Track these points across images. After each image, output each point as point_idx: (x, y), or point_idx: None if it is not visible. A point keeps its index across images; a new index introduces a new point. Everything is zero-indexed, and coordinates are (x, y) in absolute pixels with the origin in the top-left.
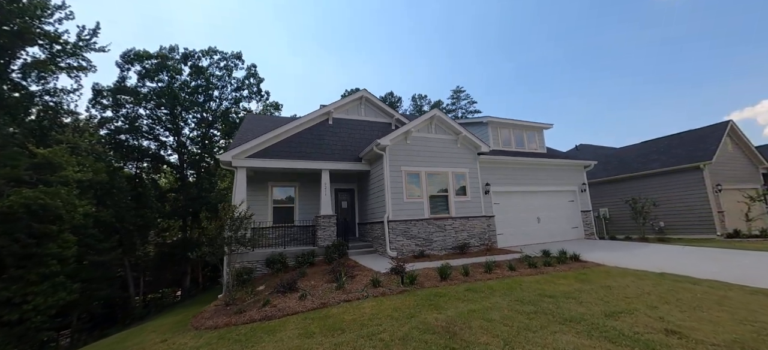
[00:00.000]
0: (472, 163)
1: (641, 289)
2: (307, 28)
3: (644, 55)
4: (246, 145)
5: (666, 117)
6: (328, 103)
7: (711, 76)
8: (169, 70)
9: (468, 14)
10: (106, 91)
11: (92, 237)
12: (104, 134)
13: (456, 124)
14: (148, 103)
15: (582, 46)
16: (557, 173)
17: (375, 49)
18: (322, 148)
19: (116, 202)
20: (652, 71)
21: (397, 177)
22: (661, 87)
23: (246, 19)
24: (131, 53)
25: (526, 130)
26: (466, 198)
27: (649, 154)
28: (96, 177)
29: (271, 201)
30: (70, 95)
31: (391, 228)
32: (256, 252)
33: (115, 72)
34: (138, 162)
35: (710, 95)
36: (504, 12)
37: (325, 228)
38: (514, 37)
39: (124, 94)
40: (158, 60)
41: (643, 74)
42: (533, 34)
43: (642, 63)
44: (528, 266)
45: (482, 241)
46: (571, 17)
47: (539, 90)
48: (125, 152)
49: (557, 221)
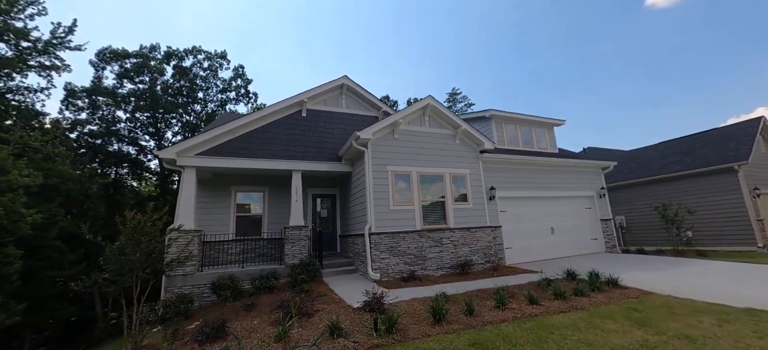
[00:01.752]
0: (473, 162)
1: (741, 341)
2: (319, 34)
3: (645, 56)
4: (195, 138)
5: (671, 118)
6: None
7: (711, 75)
8: (151, 70)
9: (464, 20)
10: (80, 92)
11: (54, 248)
12: (75, 137)
13: (454, 116)
14: (127, 105)
15: (582, 52)
16: (572, 176)
17: (380, 54)
18: (293, 145)
19: (85, 211)
20: (658, 73)
21: (382, 180)
22: (666, 86)
23: (249, 19)
24: (107, 51)
25: (534, 126)
26: (466, 205)
27: (669, 155)
28: (56, 182)
29: (234, 209)
30: (37, 94)
31: (373, 243)
32: (205, 274)
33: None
34: (117, 168)
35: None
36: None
37: (294, 241)
38: (516, 40)
39: (100, 94)
40: (140, 59)
41: (649, 76)
42: (533, 38)
43: (646, 65)
44: (553, 296)
45: (487, 257)
46: (571, 23)
47: (544, 92)
48: (102, 158)
49: (574, 232)
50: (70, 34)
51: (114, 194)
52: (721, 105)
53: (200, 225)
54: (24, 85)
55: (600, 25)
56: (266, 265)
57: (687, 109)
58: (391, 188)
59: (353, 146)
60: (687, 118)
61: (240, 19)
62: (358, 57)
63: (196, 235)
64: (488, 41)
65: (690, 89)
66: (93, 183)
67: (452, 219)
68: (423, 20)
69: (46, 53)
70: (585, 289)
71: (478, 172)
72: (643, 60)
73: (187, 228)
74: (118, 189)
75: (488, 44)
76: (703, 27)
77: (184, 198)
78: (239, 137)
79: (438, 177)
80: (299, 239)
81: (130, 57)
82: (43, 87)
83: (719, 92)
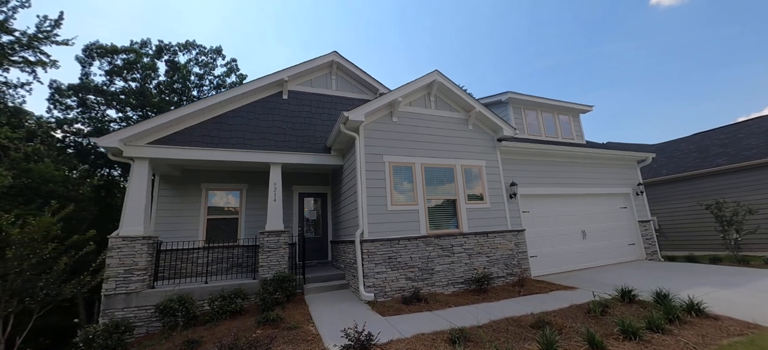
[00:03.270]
0: (490, 152)
1: None
2: (325, 28)
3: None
4: (147, 122)
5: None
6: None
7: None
8: (145, 67)
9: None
10: (67, 90)
11: None
12: (61, 136)
13: (467, 96)
14: (119, 104)
15: (587, 50)
16: (604, 170)
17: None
18: (271, 133)
19: (71, 214)
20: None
21: (378, 174)
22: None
23: (252, 21)
24: (95, 47)
25: (558, 112)
26: (482, 204)
27: (708, 147)
28: (37, 182)
29: (205, 211)
30: (16, 90)
31: (366, 253)
32: (158, 292)
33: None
34: (110, 168)
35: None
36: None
37: (271, 250)
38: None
39: (89, 92)
40: (131, 55)
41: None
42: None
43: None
44: (621, 333)
45: (509, 269)
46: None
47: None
48: (94, 157)
49: (608, 236)
50: (57, 28)
51: (105, 196)
52: (722, 103)
53: (167, 230)
54: (2, 79)
55: (604, 23)
56: (236, 279)
57: (687, 106)
58: (389, 184)
59: (342, 132)
60: (687, 115)
61: (243, 20)
62: (361, 55)
63: (147, 243)
64: (491, 36)
65: (692, 86)
66: (82, 184)
67: (465, 222)
68: (427, 16)
69: (30, 47)
70: (661, 321)
71: (495, 164)
72: (645, 57)
73: (134, 233)
74: (109, 191)
75: (492, 39)
76: (705, 26)
77: (132, 198)
78: (205, 123)
79: (447, 171)
80: (277, 247)
81: (120, 53)
82: (22, 82)
83: (721, 90)
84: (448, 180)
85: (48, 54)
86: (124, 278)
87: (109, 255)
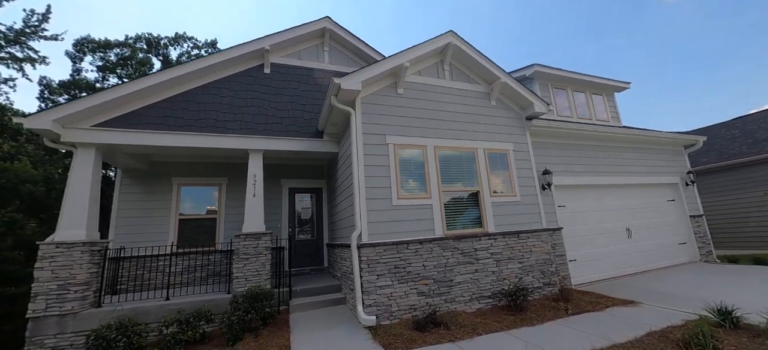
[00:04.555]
0: (518, 133)
1: None
2: None
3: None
4: (92, 98)
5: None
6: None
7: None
8: (140, 63)
9: None
10: (57, 87)
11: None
12: None
13: (490, 63)
14: None
15: (594, 45)
16: (647, 156)
17: None
18: (250, 114)
19: (57, 216)
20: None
21: (379, 158)
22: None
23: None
24: (86, 41)
25: (592, 89)
26: (511, 197)
27: (753, 132)
28: (14, 183)
29: (176, 210)
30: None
31: (365, 262)
32: (104, 312)
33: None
34: (105, 169)
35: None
36: None
37: (249, 257)
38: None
39: (80, 89)
40: (125, 50)
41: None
42: None
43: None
44: None
45: (546, 277)
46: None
47: None
48: None
49: (656, 234)
50: (45, 23)
51: (101, 197)
52: (722, 99)
53: (133, 233)
54: None
55: (611, 19)
56: (205, 295)
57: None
58: (395, 172)
59: (334, 107)
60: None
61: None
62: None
63: (90, 250)
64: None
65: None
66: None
67: (491, 220)
68: None
69: (17, 43)
70: None
71: (525, 148)
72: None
73: (72, 238)
74: (104, 192)
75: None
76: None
77: (73, 194)
78: (168, 100)
79: (467, 156)
80: (256, 253)
81: (113, 47)
82: (5, 78)
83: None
84: (468, 168)
85: (36, 50)
86: (58, 295)
87: (38, 266)
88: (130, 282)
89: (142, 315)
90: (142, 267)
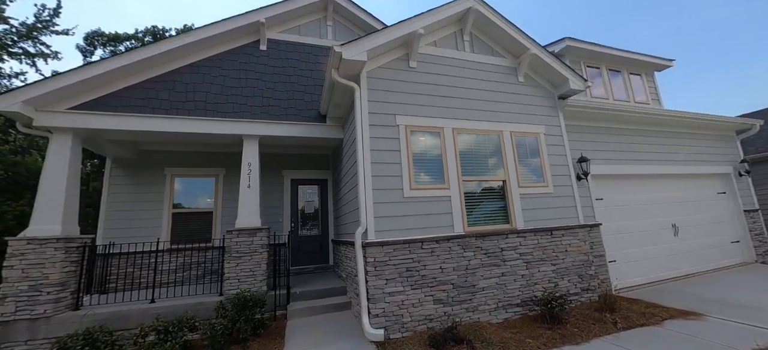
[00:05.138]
0: (550, 114)
1: None
2: None
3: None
4: (67, 76)
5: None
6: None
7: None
8: None
9: None
10: None
11: None
12: None
13: (517, 32)
14: None
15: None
16: (693, 142)
17: None
18: (245, 96)
19: None
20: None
21: (388, 141)
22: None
23: None
24: (96, 34)
25: (630, 67)
26: (542, 188)
27: None
28: (25, 176)
29: (169, 204)
30: (11, 80)
31: (372, 264)
32: (81, 316)
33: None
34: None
35: None
36: None
37: (242, 256)
38: None
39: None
40: (136, 43)
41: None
42: None
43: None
44: None
45: (584, 282)
46: None
47: None
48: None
49: (704, 231)
50: (56, 17)
51: (94, 191)
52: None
53: (123, 228)
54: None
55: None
56: (194, 297)
57: None
58: (407, 158)
59: (336, 82)
60: None
61: None
62: None
63: (65, 247)
64: None
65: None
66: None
67: (519, 215)
68: None
69: (29, 38)
70: None
71: (558, 131)
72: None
73: (46, 234)
74: (92, 184)
75: None
76: None
77: (48, 185)
78: (152, 80)
79: (491, 140)
80: (250, 252)
81: (123, 40)
82: (16, 72)
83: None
84: (492, 154)
85: (48, 44)
86: (29, 297)
87: (7, 264)
88: (120, 281)
89: (120, 321)
90: (133, 265)
